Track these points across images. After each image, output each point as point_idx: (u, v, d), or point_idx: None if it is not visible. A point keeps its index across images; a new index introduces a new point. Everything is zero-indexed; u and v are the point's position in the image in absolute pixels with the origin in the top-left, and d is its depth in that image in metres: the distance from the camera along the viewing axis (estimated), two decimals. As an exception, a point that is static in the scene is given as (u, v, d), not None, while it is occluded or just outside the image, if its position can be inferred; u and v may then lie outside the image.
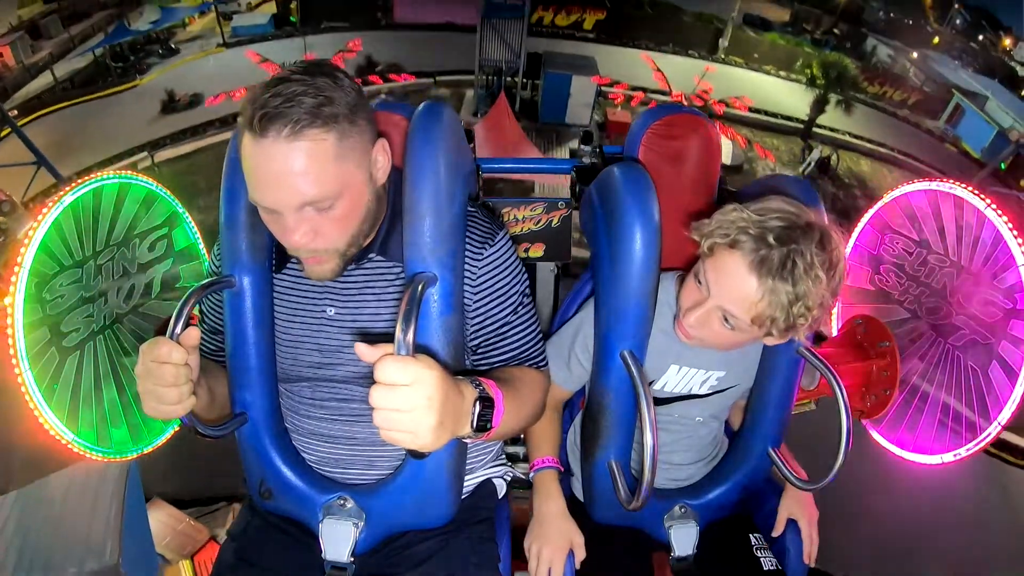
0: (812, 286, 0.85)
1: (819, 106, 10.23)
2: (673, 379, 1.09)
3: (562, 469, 1.16)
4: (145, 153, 7.28)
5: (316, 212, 0.79)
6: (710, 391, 1.10)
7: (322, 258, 0.85)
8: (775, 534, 1.16)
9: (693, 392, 1.10)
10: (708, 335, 0.97)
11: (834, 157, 8.43)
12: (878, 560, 4.70)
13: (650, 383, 1.08)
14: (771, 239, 0.85)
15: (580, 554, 1.07)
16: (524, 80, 12.05)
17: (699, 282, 0.95)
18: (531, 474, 1.14)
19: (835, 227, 0.91)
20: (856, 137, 10.15)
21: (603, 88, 11.62)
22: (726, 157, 8.56)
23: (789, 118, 10.54)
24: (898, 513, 4.75)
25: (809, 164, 8.31)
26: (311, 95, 0.74)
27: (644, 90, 11.19)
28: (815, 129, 9.98)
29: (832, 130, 10.13)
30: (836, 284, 0.89)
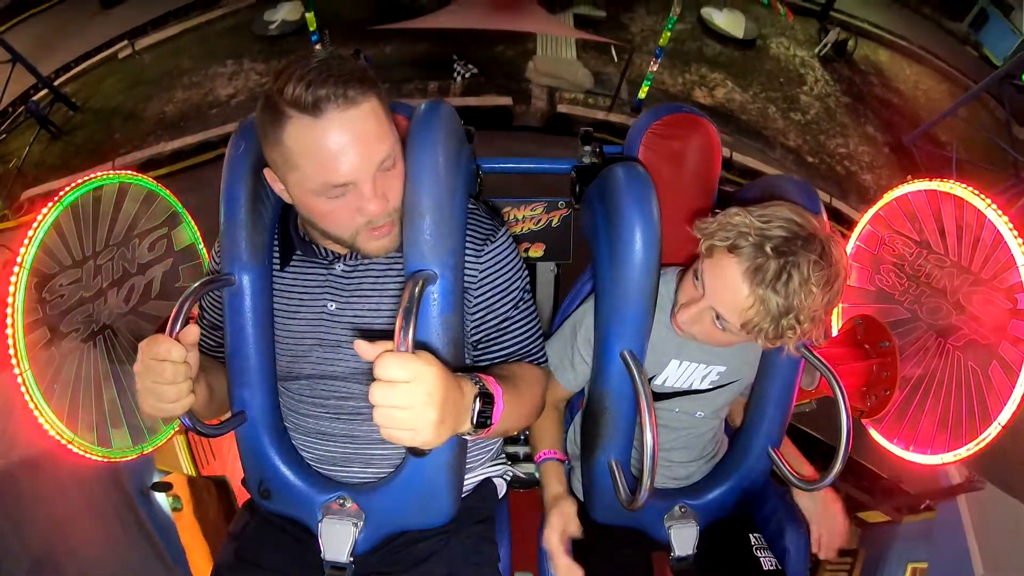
0: (805, 300, 0.84)
1: (839, -12, 9.20)
2: (674, 374, 1.08)
3: (564, 458, 1.16)
4: (125, 41, 6.95)
5: (382, 173, 0.82)
6: (711, 386, 1.10)
7: (391, 221, 0.86)
8: (823, 557, 1.14)
9: (694, 387, 1.10)
10: (700, 332, 0.98)
11: (852, 42, 8.00)
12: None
13: (651, 378, 1.08)
14: (769, 248, 0.84)
15: (572, 528, 1.04)
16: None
17: (696, 280, 0.95)
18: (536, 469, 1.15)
19: (837, 236, 0.90)
20: (875, 26, 9.26)
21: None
22: (738, 30, 7.58)
23: (806, -1, 9.73)
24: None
25: (826, 45, 7.72)
26: (345, 67, 0.76)
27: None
28: (832, 13, 9.44)
29: (851, 16, 9.27)
30: (832, 298, 0.88)
